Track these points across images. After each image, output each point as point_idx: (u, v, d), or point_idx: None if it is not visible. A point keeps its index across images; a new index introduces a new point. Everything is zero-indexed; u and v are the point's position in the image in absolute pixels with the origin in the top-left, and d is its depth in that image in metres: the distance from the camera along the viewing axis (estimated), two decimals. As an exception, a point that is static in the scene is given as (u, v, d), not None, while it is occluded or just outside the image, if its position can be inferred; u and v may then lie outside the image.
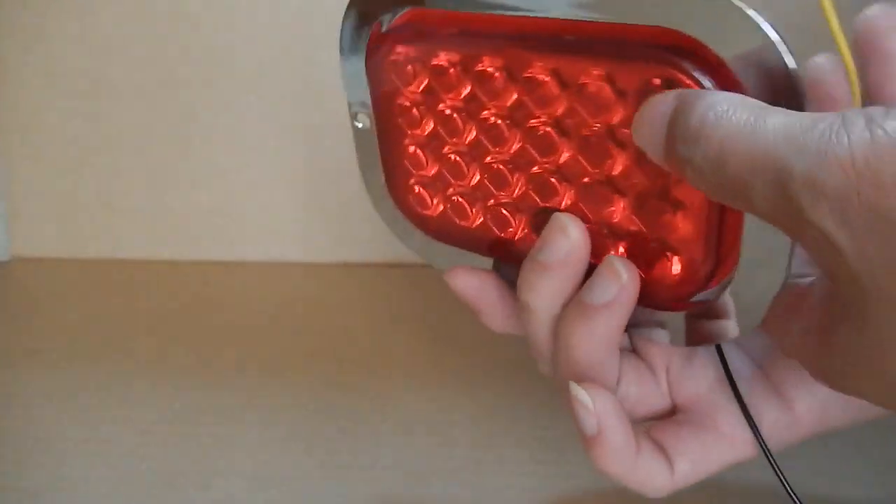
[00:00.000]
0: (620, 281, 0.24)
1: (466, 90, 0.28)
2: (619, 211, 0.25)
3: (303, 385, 0.46)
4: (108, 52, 0.61)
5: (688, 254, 0.25)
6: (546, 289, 0.26)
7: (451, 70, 0.28)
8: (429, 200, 0.31)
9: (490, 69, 0.27)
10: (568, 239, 0.25)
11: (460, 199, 0.30)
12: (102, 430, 0.42)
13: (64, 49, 0.61)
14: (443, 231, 0.31)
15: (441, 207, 0.31)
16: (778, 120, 0.18)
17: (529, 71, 0.26)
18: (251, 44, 0.60)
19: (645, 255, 0.26)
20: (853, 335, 0.19)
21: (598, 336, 0.25)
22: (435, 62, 0.28)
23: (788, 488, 0.27)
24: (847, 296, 0.19)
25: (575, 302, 0.26)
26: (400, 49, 0.29)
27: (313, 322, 0.55)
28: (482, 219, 0.30)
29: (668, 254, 0.25)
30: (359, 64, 0.30)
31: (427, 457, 0.39)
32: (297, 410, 0.43)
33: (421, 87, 0.29)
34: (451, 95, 0.28)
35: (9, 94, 0.62)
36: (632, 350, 0.30)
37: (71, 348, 0.51)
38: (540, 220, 0.28)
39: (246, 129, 0.61)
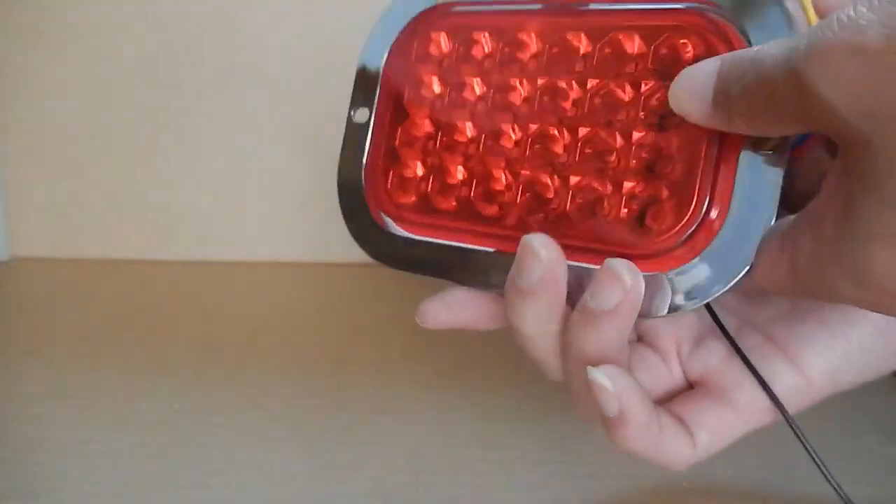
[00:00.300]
0: (625, 286, 0.24)
1: (494, 56, 0.30)
2: (616, 159, 0.27)
3: (303, 385, 0.46)
4: (109, 52, 0.61)
5: (680, 200, 0.25)
6: (533, 311, 0.26)
7: (482, 44, 0.30)
8: (412, 181, 0.32)
9: (526, 35, 0.29)
10: (540, 262, 0.25)
11: (450, 166, 0.30)
12: (102, 430, 0.42)
13: (64, 49, 0.61)
14: (414, 222, 0.31)
15: (418, 193, 0.31)
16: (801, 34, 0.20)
17: (565, 35, 0.28)
18: (251, 44, 0.60)
19: (637, 205, 0.26)
20: (872, 200, 0.19)
21: (610, 339, 0.25)
22: (468, 39, 0.31)
23: (809, 448, 0.27)
24: (858, 162, 0.20)
25: (580, 310, 0.25)
26: (433, 35, 0.32)
27: (313, 322, 0.55)
28: (466, 194, 0.30)
29: (660, 205, 0.26)
30: (379, 59, 0.33)
31: (427, 456, 0.39)
32: (298, 410, 0.43)
33: (444, 67, 0.31)
34: (472, 65, 0.31)
35: (9, 95, 0.62)
36: (637, 339, 0.31)
37: (71, 348, 0.51)
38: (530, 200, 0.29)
39: (246, 129, 0.61)
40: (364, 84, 0.33)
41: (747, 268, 0.24)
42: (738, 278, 0.24)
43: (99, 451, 0.40)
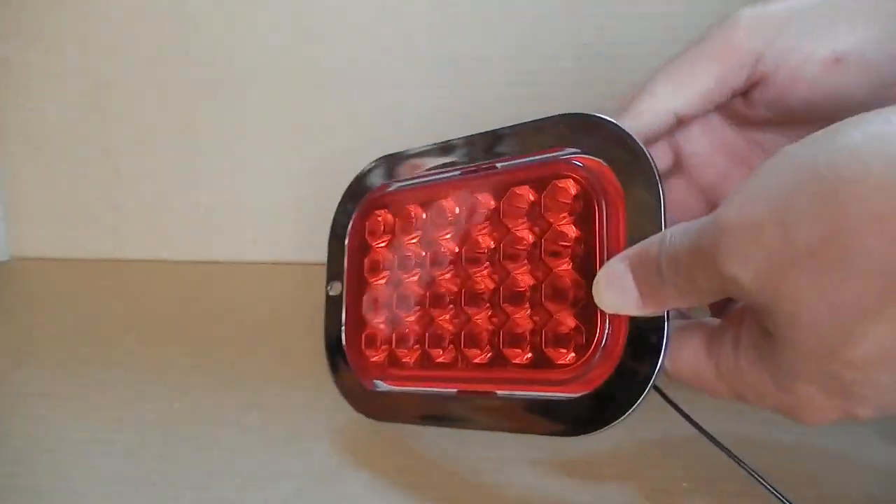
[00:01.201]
0: None
1: (426, 223, 0.37)
2: (529, 291, 0.33)
3: (302, 385, 0.46)
4: (109, 52, 0.61)
5: (587, 327, 0.30)
6: None
7: (414, 212, 0.37)
8: (380, 340, 0.38)
9: (445, 202, 0.36)
10: None
11: (406, 324, 0.37)
12: (102, 430, 0.42)
13: (65, 49, 0.61)
14: (389, 376, 0.38)
15: (388, 350, 0.38)
16: (696, 224, 0.25)
17: (473, 198, 0.35)
18: (251, 44, 0.60)
19: (553, 336, 0.31)
20: (787, 356, 0.23)
21: None
22: (404, 213, 0.38)
23: (737, 460, 0.30)
24: (766, 323, 0.24)
25: None
26: (377, 212, 0.39)
27: (313, 322, 0.55)
28: (422, 346, 0.36)
29: (571, 334, 0.31)
30: (342, 242, 0.40)
31: (427, 456, 0.39)
32: (297, 410, 0.44)
33: (389, 235, 0.38)
34: (410, 234, 0.38)
35: (9, 94, 0.62)
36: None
37: (71, 348, 0.51)
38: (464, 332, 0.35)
39: (246, 130, 0.62)
40: (334, 259, 0.40)
41: (656, 372, 0.27)
42: (649, 385, 0.28)
43: (99, 451, 0.40)
